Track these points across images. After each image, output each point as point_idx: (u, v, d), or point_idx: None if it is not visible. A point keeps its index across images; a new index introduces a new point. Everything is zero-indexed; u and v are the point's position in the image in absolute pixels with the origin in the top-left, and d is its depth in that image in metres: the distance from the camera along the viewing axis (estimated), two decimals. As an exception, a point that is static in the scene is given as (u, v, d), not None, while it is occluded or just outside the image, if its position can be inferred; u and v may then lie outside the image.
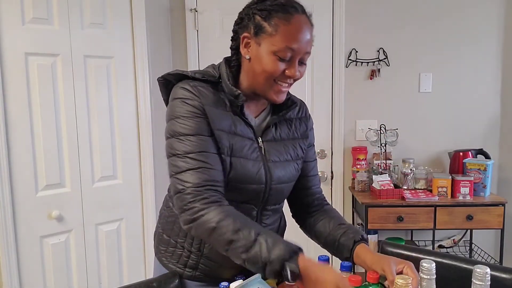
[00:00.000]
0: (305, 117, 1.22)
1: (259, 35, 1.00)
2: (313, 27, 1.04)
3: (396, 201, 2.38)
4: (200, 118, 1.01)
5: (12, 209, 1.93)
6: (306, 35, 1.00)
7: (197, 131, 1.00)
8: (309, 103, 2.73)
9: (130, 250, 2.38)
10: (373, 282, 0.94)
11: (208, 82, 1.06)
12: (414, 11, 2.70)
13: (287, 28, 0.98)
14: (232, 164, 1.02)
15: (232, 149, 1.03)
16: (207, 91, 1.04)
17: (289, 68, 1.02)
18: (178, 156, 0.99)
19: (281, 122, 1.16)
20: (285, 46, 0.98)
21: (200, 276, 1.15)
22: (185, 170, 0.98)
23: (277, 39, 0.98)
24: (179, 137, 1.00)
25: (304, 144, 1.20)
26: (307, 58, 1.05)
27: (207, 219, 0.94)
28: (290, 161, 1.14)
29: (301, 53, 1.01)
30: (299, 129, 1.19)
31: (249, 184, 1.05)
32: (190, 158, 0.98)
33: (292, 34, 0.98)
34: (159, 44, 2.57)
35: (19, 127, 1.94)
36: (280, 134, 1.14)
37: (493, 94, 2.74)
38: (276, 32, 0.98)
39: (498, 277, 1.13)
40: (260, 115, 1.14)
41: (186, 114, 1.01)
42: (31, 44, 1.95)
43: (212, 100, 1.03)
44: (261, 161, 1.08)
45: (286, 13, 0.99)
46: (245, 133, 1.06)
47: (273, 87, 1.04)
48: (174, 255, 1.16)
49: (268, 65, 1.00)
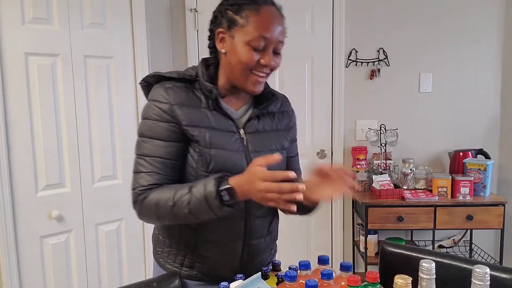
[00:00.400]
0: (287, 112, 1.26)
1: (232, 28, 1.06)
2: (283, 18, 1.10)
3: (396, 201, 2.38)
4: (164, 123, 1.06)
5: (12, 209, 1.93)
6: (277, 24, 1.06)
7: (158, 136, 1.06)
8: (309, 103, 2.73)
9: (130, 250, 2.38)
10: (373, 282, 0.94)
11: (185, 80, 1.11)
12: (414, 11, 2.70)
13: (258, 18, 1.04)
14: (212, 156, 1.06)
15: (211, 142, 1.07)
16: (181, 90, 1.09)
17: (264, 57, 1.06)
18: (139, 156, 1.08)
19: (264, 115, 1.19)
20: (258, 35, 1.03)
21: (198, 275, 1.16)
22: (139, 171, 1.07)
23: (249, 30, 1.03)
24: (143, 138, 1.08)
25: (288, 136, 1.23)
26: (281, 48, 1.09)
27: (148, 202, 1.04)
28: (274, 151, 1.16)
29: (274, 42, 1.05)
30: (282, 121, 1.22)
31: (231, 174, 1.06)
32: (145, 161, 1.06)
33: (263, 23, 1.04)
34: (159, 44, 2.57)
35: (19, 127, 1.93)
36: (263, 126, 1.17)
37: (493, 94, 2.74)
38: (247, 23, 1.04)
39: (498, 277, 1.13)
40: (241, 108, 1.17)
41: (152, 117, 1.07)
42: (31, 44, 1.95)
43: (185, 99, 1.08)
44: (243, 152, 1.11)
45: (256, 4, 1.05)
46: (225, 126, 1.10)
47: (250, 78, 1.08)
48: (171, 255, 1.18)
49: (243, 55, 1.05)
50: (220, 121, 1.10)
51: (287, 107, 1.27)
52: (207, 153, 1.06)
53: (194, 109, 1.08)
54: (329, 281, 0.92)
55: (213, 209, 0.98)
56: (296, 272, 0.95)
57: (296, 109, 1.34)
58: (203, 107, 1.09)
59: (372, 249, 2.60)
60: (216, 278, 1.13)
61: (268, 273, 1.09)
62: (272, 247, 1.28)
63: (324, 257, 1.04)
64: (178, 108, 1.06)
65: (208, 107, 1.09)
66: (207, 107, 1.09)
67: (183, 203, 1.00)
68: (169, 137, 1.06)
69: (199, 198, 0.98)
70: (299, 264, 1.00)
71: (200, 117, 1.07)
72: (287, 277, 0.92)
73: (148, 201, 1.04)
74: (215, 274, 1.15)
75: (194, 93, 1.10)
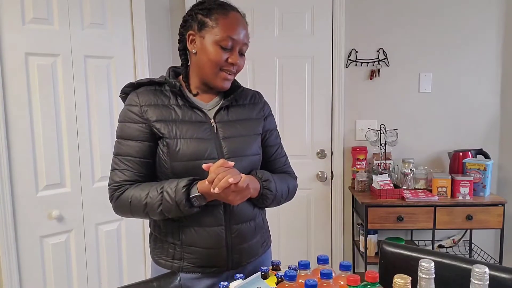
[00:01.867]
0: (258, 103, 1.34)
1: (203, 30, 1.17)
2: (247, 25, 1.23)
3: (396, 201, 2.38)
4: (134, 124, 1.17)
5: (12, 209, 1.93)
6: (243, 28, 1.19)
7: (128, 136, 1.18)
8: (309, 103, 2.73)
9: (130, 250, 2.38)
10: (372, 282, 0.94)
11: (154, 83, 1.23)
12: (414, 11, 2.70)
13: (226, 21, 1.16)
14: (181, 146, 1.15)
15: (178, 134, 1.16)
16: (150, 92, 1.20)
17: (231, 56, 1.17)
18: (114, 156, 1.20)
19: (234, 106, 1.27)
20: (226, 35, 1.15)
21: (189, 267, 1.20)
22: (113, 169, 1.19)
23: (218, 31, 1.15)
24: (118, 139, 1.20)
25: (260, 123, 1.31)
26: (245, 50, 1.22)
27: (122, 198, 1.15)
28: (245, 136, 1.24)
29: (240, 43, 1.18)
30: (252, 111, 1.31)
31: (201, 159, 1.15)
32: (119, 160, 1.18)
33: (231, 25, 1.16)
34: (159, 44, 2.57)
35: (19, 127, 1.94)
36: (233, 115, 1.25)
37: (493, 94, 2.74)
38: (216, 25, 1.15)
39: (497, 277, 1.13)
40: (212, 100, 1.26)
41: (124, 120, 1.19)
42: (31, 44, 1.95)
43: (153, 99, 1.19)
44: (213, 139, 1.19)
45: (224, 9, 1.17)
46: (194, 118, 1.19)
47: (219, 75, 1.19)
48: (163, 250, 1.24)
49: (212, 54, 1.16)
50: (189, 114, 1.19)
51: (257, 100, 1.34)
52: (175, 144, 1.14)
53: (162, 107, 1.18)
54: (329, 280, 0.92)
55: (183, 211, 1.11)
56: (296, 271, 0.95)
57: (296, 109, 1.36)
58: (172, 104, 1.19)
59: (372, 249, 2.60)
60: (209, 269, 1.19)
61: (267, 272, 1.09)
62: (262, 234, 1.30)
63: (323, 257, 1.04)
64: (148, 108, 1.17)
65: (176, 103, 1.19)
66: (176, 103, 1.19)
67: (154, 204, 1.11)
68: (139, 137, 1.17)
69: (171, 202, 1.10)
70: (298, 264, 1.00)
71: (168, 113, 1.17)
72: (286, 276, 0.93)
73: (123, 198, 1.15)
74: (206, 264, 1.19)
75: (163, 93, 1.21)
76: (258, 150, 1.27)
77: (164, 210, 1.11)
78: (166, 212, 1.12)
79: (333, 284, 0.93)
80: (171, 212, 1.12)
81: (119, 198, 1.16)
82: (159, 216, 1.15)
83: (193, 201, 1.09)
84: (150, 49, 2.43)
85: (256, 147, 1.26)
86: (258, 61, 2.71)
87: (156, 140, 1.18)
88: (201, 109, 1.21)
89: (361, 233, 2.65)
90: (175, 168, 1.15)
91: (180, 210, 1.10)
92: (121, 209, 1.18)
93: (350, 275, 0.92)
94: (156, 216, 1.15)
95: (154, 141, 1.18)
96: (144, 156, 1.18)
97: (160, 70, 2.49)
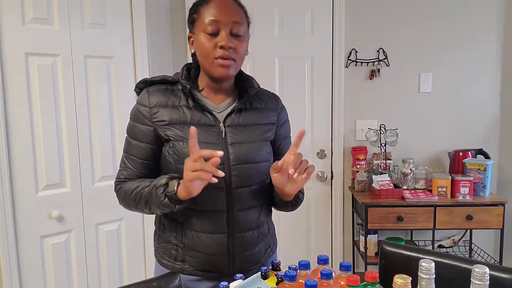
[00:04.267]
0: (274, 108, 1.28)
1: (193, 27, 1.16)
2: (242, 7, 1.17)
3: (396, 201, 2.38)
4: (141, 125, 1.17)
5: (12, 209, 1.93)
6: (228, 7, 1.12)
7: (134, 136, 1.18)
8: (309, 103, 2.73)
9: (130, 250, 2.38)
10: (372, 282, 0.94)
11: (167, 82, 1.21)
12: (414, 11, 2.70)
13: (206, 7, 1.12)
14: (187, 148, 1.10)
15: (185, 136, 1.12)
16: (161, 92, 1.18)
17: (219, 39, 1.11)
18: (123, 151, 1.23)
19: (248, 110, 1.22)
20: (208, 20, 1.10)
21: (190, 269, 1.19)
22: (120, 166, 1.23)
23: (202, 20, 1.12)
24: (127, 137, 1.21)
25: (272, 129, 1.26)
26: (239, 29, 1.13)
27: (121, 191, 1.20)
28: (255, 143, 1.19)
29: (226, 22, 1.10)
30: (266, 117, 1.25)
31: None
32: (125, 157, 1.21)
33: (211, 9, 1.11)
34: (159, 44, 2.57)
35: (19, 127, 1.94)
36: (245, 120, 1.20)
37: (493, 94, 2.75)
38: (200, 15, 1.13)
39: (497, 277, 1.13)
40: (224, 102, 1.21)
41: (133, 119, 1.19)
42: (31, 44, 1.95)
43: (163, 100, 1.16)
44: (220, 144, 1.15)
45: (207, 0, 1.13)
46: (203, 121, 1.16)
47: (215, 63, 1.12)
48: (166, 250, 1.23)
49: (202, 44, 1.12)
50: (198, 116, 1.16)
51: (273, 105, 1.29)
52: (180, 147, 1.13)
53: (172, 108, 1.16)
54: (329, 280, 0.92)
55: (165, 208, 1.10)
56: (296, 271, 0.95)
57: (296, 109, 1.35)
58: (181, 105, 1.16)
59: (372, 249, 2.60)
60: (210, 274, 1.19)
61: (267, 272, 1.09)
62: (266, 241, 1.28)
63: (323, 257, 1.04)
64: (157, 109, 1.15)
65: (186, 104, 1.16)
66: (186, 104, 1.16)
67: (142, 203, 1.14)
68: (144, 139, 1.17)
69: (155, 203, 1.11)
70: (298, 264, 1.00)
71: (177, 114, 1.15)
72: (286, 276, 0.93)
73: (121, 191, 1.20)
74: (208, 269, 1.19)
75: (174, 93, 1.18)
76: (268, 156, 1.22)
77: (150, 208, 1.14)
78: (153, 210, 1.15)
79: (333, 284, 0.93)
80: (156, 209, 1.14)
81: (119, 191, 1.21)
82: (149, 212, 1.17)
83: (175, 202, 1.08)
84: (150, 49, 2.43)
85: (265, 153, 1.21)
86: (258, 61, 2.71)
87: (161, 143, 1.17)
88: (211, 112, 1.17)
89: (361, 233, 2.65)
90: (179, 171, 1.11)
91: (164, 207, 1.10)
92: (120, 201, 1.22)
93: (350, 275, 0.92)
94: (147, 210, 1.16)
95: (158, 144, 1.17)
96: (147, 158, 1.18)
97: (160, 70, 2.50)
